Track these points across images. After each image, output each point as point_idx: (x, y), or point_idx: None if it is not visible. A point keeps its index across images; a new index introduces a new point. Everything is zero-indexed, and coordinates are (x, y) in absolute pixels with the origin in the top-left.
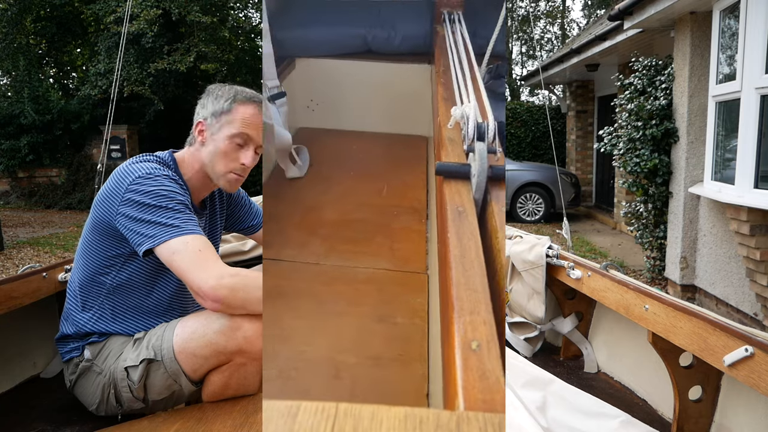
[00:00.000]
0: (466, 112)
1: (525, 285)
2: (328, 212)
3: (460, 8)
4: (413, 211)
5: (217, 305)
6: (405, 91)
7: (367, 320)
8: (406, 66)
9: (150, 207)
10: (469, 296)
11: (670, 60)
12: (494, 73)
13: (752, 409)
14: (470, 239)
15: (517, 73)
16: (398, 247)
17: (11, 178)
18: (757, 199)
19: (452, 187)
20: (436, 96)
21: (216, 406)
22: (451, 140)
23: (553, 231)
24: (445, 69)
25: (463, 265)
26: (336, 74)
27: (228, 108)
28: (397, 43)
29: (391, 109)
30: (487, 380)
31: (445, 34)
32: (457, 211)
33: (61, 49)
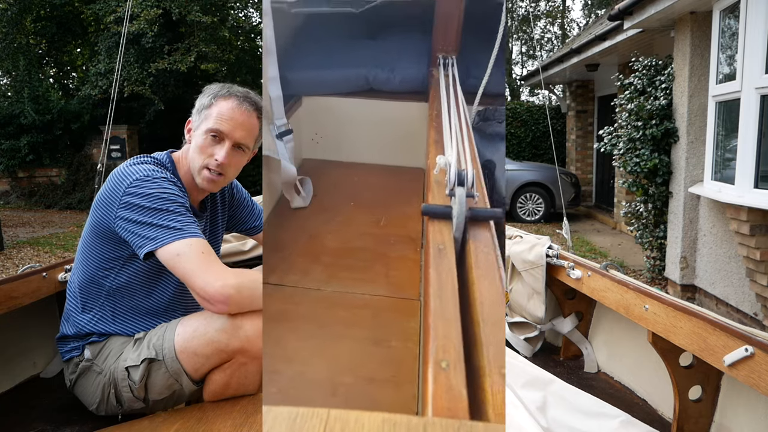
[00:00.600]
0: (449, 161)
1: (525, 285)
2: (330, 240)
3: (454, 53)
4: (409, 241)
5: (224, 307)
6: (403, 126)
7: (364, 343)
8: (405, 104)
9: (149, 210)
10: (443, 324)
11: (670, 60)
12: (483, 116)
13: (752, 409)
14: (447, 274)
15: (517, 73)
16: (394, 274)
17: (11, 178)
18: (757, 199)
19: (435, 227)
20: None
21: (216, 406)
22: (437, 183)
23: (553, 231)
24: (438, 113)
25: (440, 297)
26: (340, 110)
27: (208, 103)
28: (396, 83)
29: (390, 142)
30: (452, 392)
31: (439, 77)
32: (438, 249)
33: (61, 49)
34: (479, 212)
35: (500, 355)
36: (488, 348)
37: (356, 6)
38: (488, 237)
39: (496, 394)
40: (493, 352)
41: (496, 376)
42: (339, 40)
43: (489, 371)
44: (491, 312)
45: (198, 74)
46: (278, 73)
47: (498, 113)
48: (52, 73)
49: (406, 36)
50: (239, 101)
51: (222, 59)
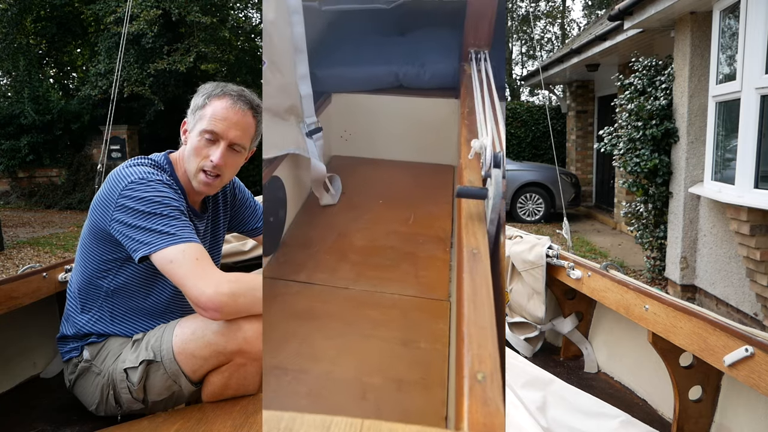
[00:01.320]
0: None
1: (525, 285)
2: (358, 239)
3: (486, 47)
4: (438, 240)
5: (217, 314)
6: (433, 123)
7: (392, 344)
8: (434, 100)
9: (144, 214)
10: (477, 332)
11: (670, 60)
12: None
13: (752, 409)
14: (482, 280)
15: (517, 73)
16: (423, 274)
17: (11, 178)
18: (757, 199)
19: (469, 230)
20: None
21: (216, 406)
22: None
23: (553, 231)
24: (470, 111)
25: (474, 303)
26: (369, 107)
27: (202, 103)
28: (426, 79)
29: (419, 139)
30: (488, 407)
31: (471, 72)
32: (471, 253)
33: (61, 49)
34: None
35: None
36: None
37: (386, 2)
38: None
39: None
40: None
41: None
42: (368, 36)
43: None
44: None
45: (198, 74)
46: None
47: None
48: (52, 73)
49: (435, 31)
50: (233, 100)
51: (222, 59)
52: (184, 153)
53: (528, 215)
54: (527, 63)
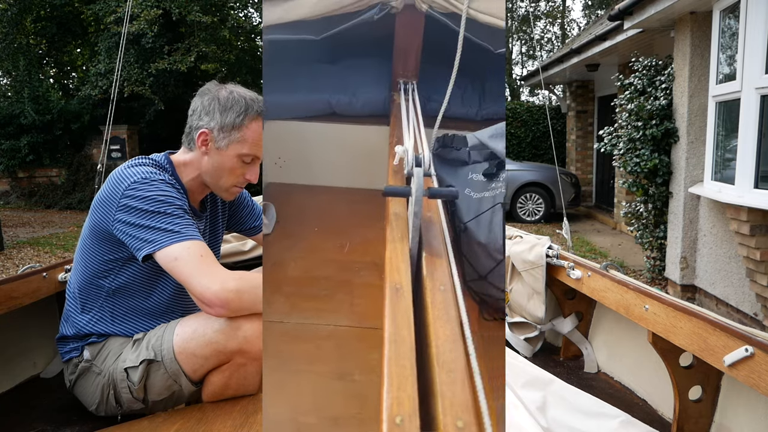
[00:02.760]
0: (407, 148)
1: (525, 285)
2: (293, 269)
3: (414, 78)
4: (374, 267)
5: (223, 310)
6: (366, 149)
7: (327, 378)
8: (367, 127)
9: (147, 212)
10: (398, 373)
11: (670, 60)
12: (442, 143)
13: (752, 409)
14: (403, 317)
15: (517, 73)
16: (358, 302)
17: (11, 178)
18: (757, 199)
19: (392, 265)
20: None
21: (216, 406)
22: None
23: (553, 231)
24: (399, 140)
25: (395, 343)
26: (303, 134)
27: (239, 124)
28: (358, 107)
29: (353, 165)
30: None
31: (400, 102)
32: (395, 289)
33: (61, 49)
34: (436, 191)
35: (456, 404)
36: (443, 397)
37: (315, 33)
38: (446, 275)
39: None
40: (449, 402)
41: (450, 429)
42: (301, 65)
43: (444, 425)
44: (448, 356)
45: (198, 74)
46: None
47: (456, 140)
48: (52, 73)
49: (366, 61)
50: (261, 120)
51: (222, 59)
52: (200, 163)
53: (528, 215)
54: (527, 63)
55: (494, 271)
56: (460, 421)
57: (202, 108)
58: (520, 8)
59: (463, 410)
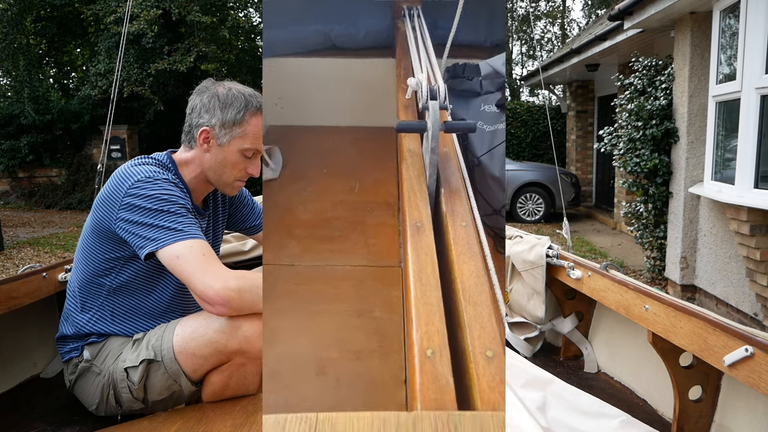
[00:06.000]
0: (420, 80)
1: (525, 285)
2: (303, 213)
3: (418, 3)
4: (386, 206)
5: (224, 309)
6: (371, 84)
7: (347, 316)
8: (371, 60)
9: (151, 211)
10: (425, 310)
11: (670, 60)
12: (452, 73)
13: (752, 409)
14: (426, 255)
15: (517, 73)
16: (373, 242)
17: (11, 178)
18: (757, 199)
19: (411, 202)
20: (398, 103)
21: (216, 406)
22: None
23: (553, 231)
24: (406, 72)
25: (420, 281)
26: (301, 72)
27: (240, 120)
28: (360, 38)
29: (357, 102)
30: (438, 382)
31: (405, 30)
32: (416, 227)
33: (61, 49)
34: (452, 125)
35: (484, 335)
36: (471, 330)
37: None
38: (467, 210)
39: (481, 378)
40: (477, 333)
41: (480, 360)
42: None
43: (474, 355)
44: (472, 291)
45: (198, 74)
46: None
47: (468, 69)
48: (52, 73)
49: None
50: (261, 115)
51: (222, 59)
52: (202, 160)
53: (528, 215)
54: (527, 63)
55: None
56: (490, 351)
57: (202, 106)
58: (520, 8)
59: (491, 341)
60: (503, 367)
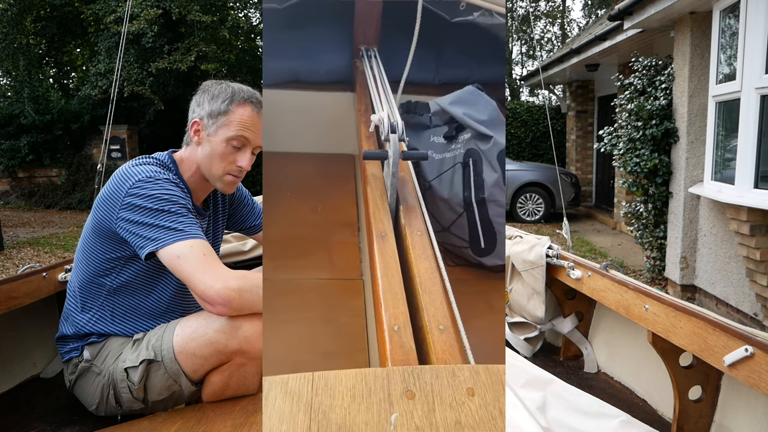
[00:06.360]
0: (382, 117)
1: (525, 285)
2: (271, 232)
3: (375, 45)
4: (346, 226)
5: (225, 309)
6: (331, 115)
7: (315, 323)
8: (331, 94)
9: (152, 211)
10: (391, 297)
11: (670, 60)
12: (406, 108)
13: (752, 409)
14: (391, 257)
15: (517, 73)
16: (336, 258)
17: (11, 178)
18: (757, 199)
19: (376, 216)
20: (359, 133)
21: (216, 406)
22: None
23: (553, 231)
24: (366, 108)
25: (387, 276)
26: (269, 102)
27: (225, 109)
28: (322, 74)
29: (320, 131)
30: (404, 348)
31: (364, 68)
32: (381, 236)
33: (61, 49)
34: (408, 154)
35: (437, 314)
36: (428, 311)
37: (279, 2)
38: (421, 223)
39: (436, 344)
40: (432, 313)
41: (435, 331)
42: (265, 33)
43: (429, 329)
44: (428, 283)
45: (198, 74)
46: None
47: (419, 106)
48: (52, 73)
49: (328, 29)
50: (254, 107)
51: (222, 59)
52: (195, 154)
53: (528, 215)
54: (527, 63)
55: (455, 223)
56: (442, 325)
57: (196, 102)
58: (520, 8)
59: (443, 318)
60: (453, 336)
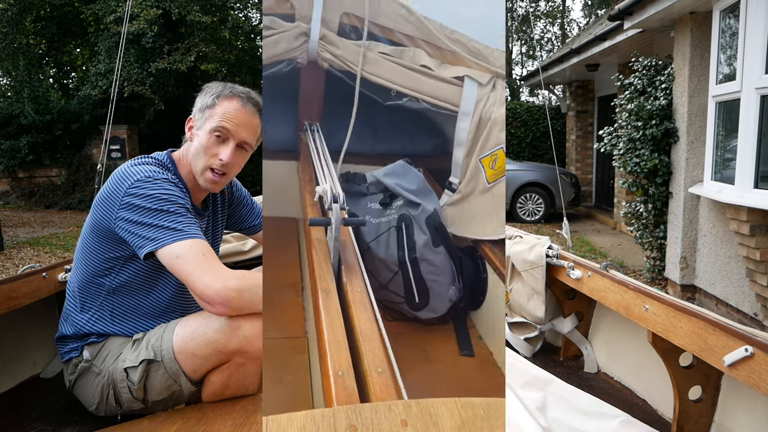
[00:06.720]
0: (325, 188)
1: (525, 285)
2: None
3: (318, 120)
4: (290, 286)
5: (224, 309)
6: (277, 182)
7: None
8: (276, 162)
9: (150, 210)
10: (335, 347)
11: (670, 60)
12: (346, 178)
13: (752, 409)
14: (335, 312)
15: (517, 73)
16: (281, 317)
17: (11, 178)
18: (757, 199)
19: (320, 276)
20: (303, 201)
21: (216, 406)
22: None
23: (553, 231)
24: (310, 178)
25: (331, 329)
26: None
27: (212, 102)
28: (267, 144)
29: (266, 196)
30: (347, 390)
31: (308, 141)
32: (325, 292)
33: (61, 49)
34: (349, 221)
35: (376, 360)
36: (367, 357)
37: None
38: (361, 281)
39: (375, 385)
40: (370, 359)
41: (374, 374)
42: None
43: (369, 372)
44: (367, 332)
45: (198, 74)
46: None
47: (357, 177)
48: (52, 73)
49: (275, 102)
50: (243, 101)
51: (222, 59)
52: (189, 151)
53: (528, 215)
54: (527, 63)
55: (392, 281)
56: (380, 368)
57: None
58: (520, 8)
59: (380, 362)
60: (390, 377)
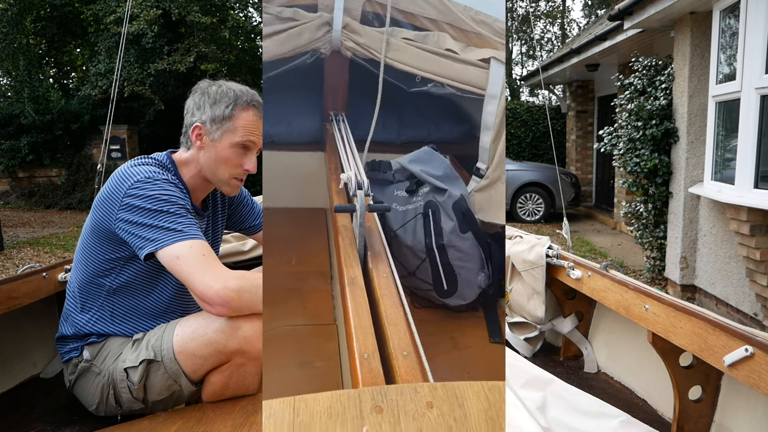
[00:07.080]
0: (350, 175)
1: (525, 285)
2: None
3: (343, 110)
4: (319, 275)
5: (224, 309)
6: (303, 173)
7: (290, 368)
8: (303, 153)
9: (150, 211)
10: (361, 331)
11: (670, 60)
12: (371, 166)
13: (752, 409)
14: (361, 298)
15: (517, 73)
16: (309, 305)
17: (11, 178)
18: (757, 199)
19: (347, 263)
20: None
21: (216, 406)
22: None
23: (553, 231)
24: (336, 167)
25: (357, 314)
26: None
27: (229, 114)
28: (294, 135)
29: (293, 188)
30: (373, 372)
31: (333, 131)
32: (351, 279)
33: (61, 49)
34: (373, 207)
35: (401, 343)
36: (393, 340)
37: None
38: (387, 267)
39: (400, 368)
40: (396, 342)
41: (399, 357)
42: None
43: (395, 355)
44: (393, 317)
45: (198, 74)
46: None
47: (382, 165)
48: (52, 73)
49: (301, 97)
50: (256, 110)
51: (222, 59)
52: (197, 158)
53: (528, 215)
54: (527, 63)
55: (419, 268)
56: (405, 352)
57: (194, 104)
58: (520, 8)
59: (406, 346)
60: (415, 360)
